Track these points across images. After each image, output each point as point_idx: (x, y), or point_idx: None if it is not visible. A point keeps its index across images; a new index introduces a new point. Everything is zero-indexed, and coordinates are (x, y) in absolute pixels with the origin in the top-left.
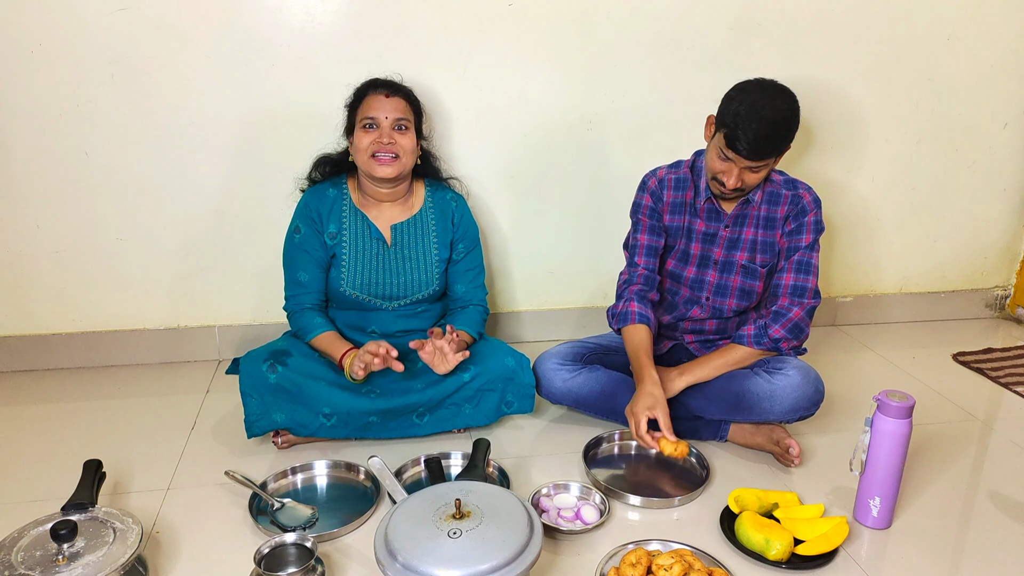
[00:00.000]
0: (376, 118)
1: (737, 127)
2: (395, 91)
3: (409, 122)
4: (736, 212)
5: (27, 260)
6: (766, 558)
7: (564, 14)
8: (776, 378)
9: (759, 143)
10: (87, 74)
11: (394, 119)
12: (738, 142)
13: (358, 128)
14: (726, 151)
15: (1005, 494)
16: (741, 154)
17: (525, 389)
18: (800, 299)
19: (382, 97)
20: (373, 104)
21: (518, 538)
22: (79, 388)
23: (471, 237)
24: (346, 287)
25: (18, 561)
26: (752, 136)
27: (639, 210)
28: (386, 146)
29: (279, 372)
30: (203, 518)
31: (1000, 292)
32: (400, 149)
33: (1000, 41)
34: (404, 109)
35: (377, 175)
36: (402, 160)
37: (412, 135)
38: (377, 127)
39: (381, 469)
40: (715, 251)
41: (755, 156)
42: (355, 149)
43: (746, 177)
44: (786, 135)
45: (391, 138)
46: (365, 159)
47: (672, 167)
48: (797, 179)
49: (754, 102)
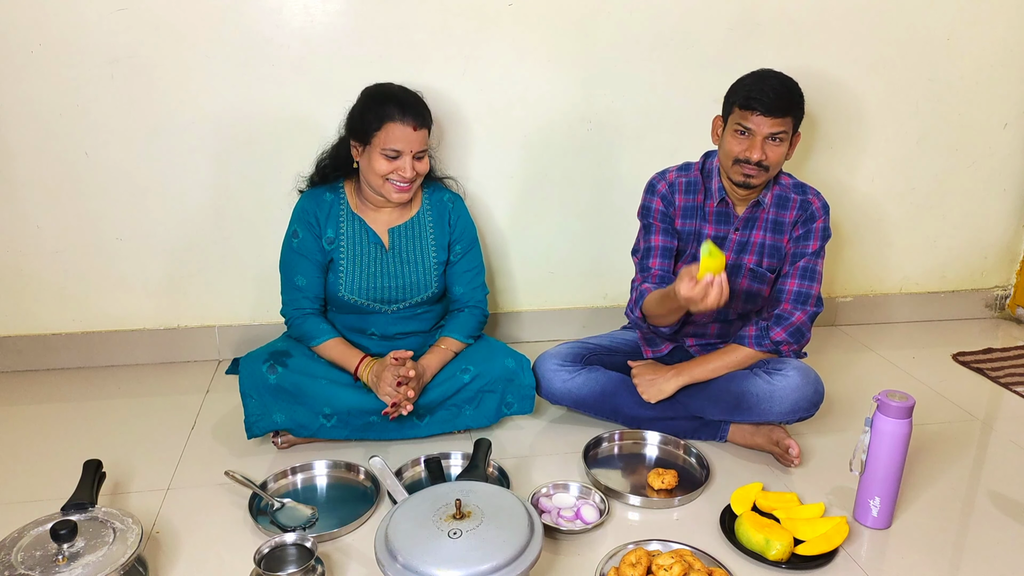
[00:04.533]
0: (401, 152)
1: (751, 90)
2: (422, 123)
3: (428, 147)
4: (746, 215)
5: (27, 260)
6: (766, 558)
7: (564, 14)
8: (776, 379)
9: (777, 98)
10: (87, 74)
11: (418, 151)
12: (755, 101)
13: (377, 152)
14: (745, 121)
15: (1005, 494)
16: (760, 111)
17: (525, 390)
18: (803, 305)
19: (410, 130)
20: (399, 136)
21: (518, 538)
22: (79, 388)
23: (468, 237)
24: (344, 292)
25: (18, 561)
26: (769, 91)
27: (650, 214)
28: (407, 179)
29: (279, 373)
30: (203, 518)
31: (1000, 292)
32: (418, 177)
33: (1000, 41)
34: (426, 139)
35: (393, 200)
36: (416, 184)
37: (427, 158)
38: (399, 158)
39: (382, 469)
40: (724, 254)
41: (775, 112)
42: (369, 169)
43: (769, 150)
44: (798, 94)
45: (414, 170)
46: (380, 182)
47: (682, 169)
48: (806, 184)
49: (759, 74)
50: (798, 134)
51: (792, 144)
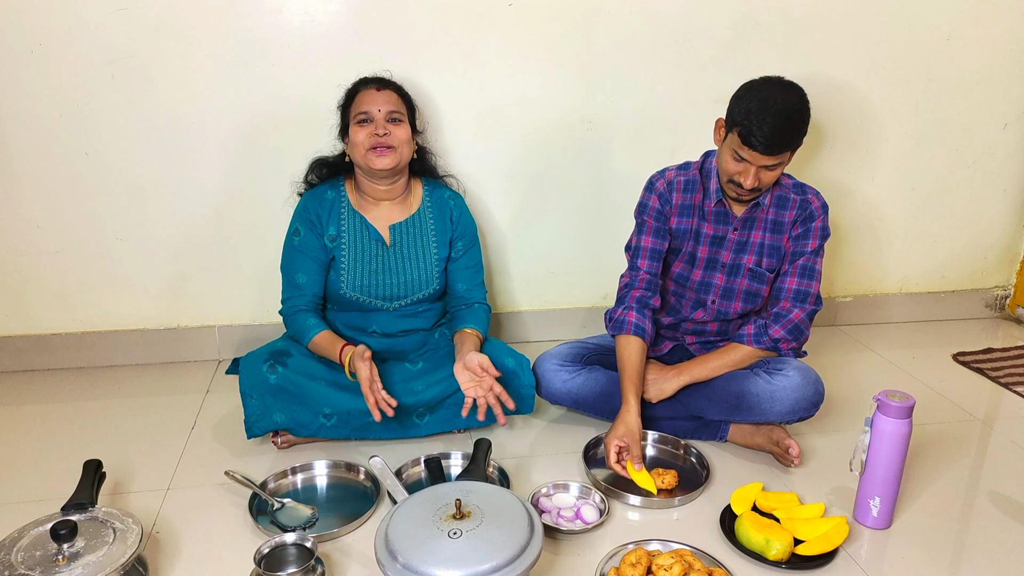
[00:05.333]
0: (369, 112)
1: (751, 123)
2: (385, 84)
3: (402, 114)
4: (745, 215)
5: (27, 260)
6: (766, 558)
7: (564, 14)
8: (776, 379)
9: (775, 137)
10: (87, 74)
11: (387, 112)
12: (753, 138)
13: (353, 125)
14: (741, 151)
15: (1005, 494)
16: (757, 150)
17: (525, 390)
18: (802, 303)
19: (373, 91)
20: (365, 99)
21: (518, 538)
22: (79, 388)
23: (470, 235)
24: (346, 289)
25: (18, 561)
26: (768, 130)
27: (645, 211)
28: (382, 138)
29: (279, 373)
30: (203, 518)
31: (1000, 292)
32: (396, 140)
33: (1000, 41)
34: (396, 102)
35: (376, 167)
36: (399, 151)
37: (406, 126)
38: (371, 121)
39: (382, 469)
40: (723, 254)
41: (772, 151)
42: (351, 146)
43: (763, 176)
44: (800, 127)
45: (386, 129)
46: (362, 154)
47: (681, 168)
48: (805, 183)
49: (765, 97)
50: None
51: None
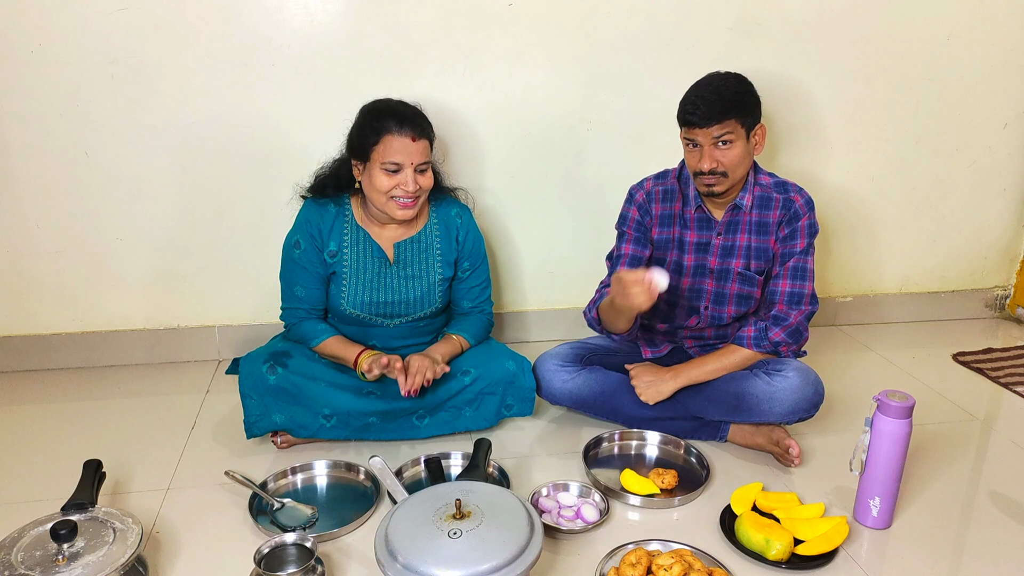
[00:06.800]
0: (402, 164)
1: (686, 103)
2: (421, 134)
3: (430, 160)
4: (727, 219)
5: (27, 260)
6: (766, 558)
7: (564, 14)
8: (776, 380)
9: (704, 105)
10: (87, 74)
11: (419, 164)
12: (688, 115)
13: (377, 168)
14: (689, 135)
15: (1005, 494)
16: (697, 124)
17: (525, 392)
18: (798, 305)
19: (408, 140)
20: (397, 147)
21: (518, 538)
22: (79, 388)
23: (477, 254)
24: (347, 306)
25: (18, 561)
26: (696, 100)
27: (625, 222)
28: (411, 193)
29: (279, 373)
30: (203, 518)
31: (1000, 292)
32: (421, 192)
33: (1000, 41)
34: (427, 150)
35: (399, 217)
36: (421, 200)
37: (431, 172)
38: (400, 171)
39: (382, 469)
40: (710, 260)
41: (709, 120)
42: (371, 187)
43: (718, 155)
44: (734, 97)
45: (416, 184)
46: (383, 200)
47: (659, 178)
48: (788, 180)
49: (697, 83)
50: (761, 126)
51: (753, 139)
